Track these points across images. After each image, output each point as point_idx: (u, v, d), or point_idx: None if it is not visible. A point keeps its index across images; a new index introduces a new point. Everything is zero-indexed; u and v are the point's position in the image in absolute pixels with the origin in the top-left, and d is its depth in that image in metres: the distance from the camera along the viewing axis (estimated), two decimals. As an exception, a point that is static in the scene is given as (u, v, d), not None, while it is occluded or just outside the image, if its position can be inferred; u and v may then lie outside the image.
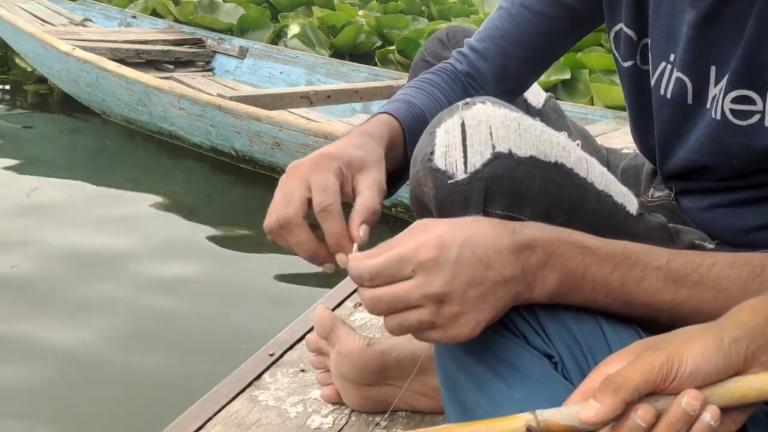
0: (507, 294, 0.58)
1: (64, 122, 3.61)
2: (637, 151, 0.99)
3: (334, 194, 0.69)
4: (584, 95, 3.41)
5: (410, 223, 0.63)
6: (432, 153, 0.64)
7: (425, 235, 0.57)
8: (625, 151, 1.12)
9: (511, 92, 0.95)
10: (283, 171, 2.65)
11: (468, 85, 0.93)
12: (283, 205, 0.70)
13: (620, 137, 2.70)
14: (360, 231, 0.68)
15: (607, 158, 1.11)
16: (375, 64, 4.31)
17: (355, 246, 0.68)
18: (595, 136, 2.88)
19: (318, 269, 0.72)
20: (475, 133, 0.63)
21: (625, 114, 0.89)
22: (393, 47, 4.40)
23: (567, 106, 3.13)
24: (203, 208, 2.63)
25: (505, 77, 0.94)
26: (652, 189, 0.91)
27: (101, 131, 3.43)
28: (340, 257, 0.68)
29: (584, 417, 0.51)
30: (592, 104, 3.34)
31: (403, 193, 2.95)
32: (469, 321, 0.57)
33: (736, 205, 0.79)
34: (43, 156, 2.98)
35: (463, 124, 0.64)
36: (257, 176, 2.84)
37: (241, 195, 2.80)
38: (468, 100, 0.67)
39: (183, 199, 2.69)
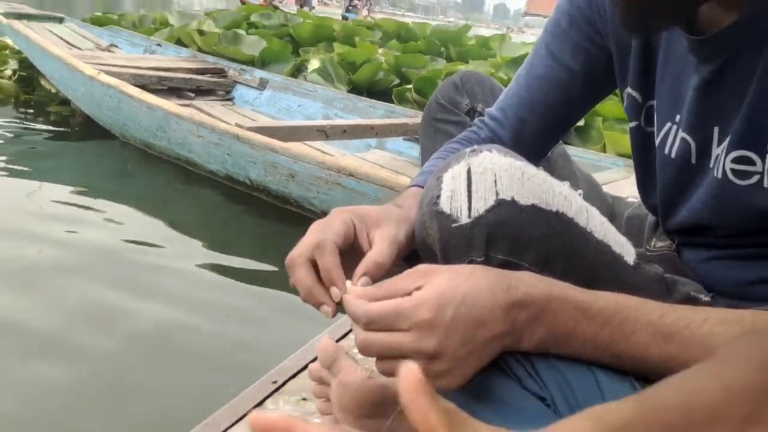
0: (496, 347, 0.62)
1: (84, 144, 3.68)
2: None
3: (330, 233, 0.72)
4: (597, 142, 3.45)
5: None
6: (438, 197, 0.68)
7: (425, 291, 0.60)
8: (630, 199, 1.15)
9: (530, 156, 0.98)
10: (296, 202, 2.68)
11: None
12: (294, 248, 0.73)
13: (630, 186, 2.71)
14: (360, 281, 0.70)
15: (612, 206, 1.14)
16: (392, 102, 4.38)
17: (363, 279, 0.71)
18: (605, 184, 2.90)
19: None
20: (480, 179, 0.66)
21: (636, 163, 0.94)
22: (410, 86, 4.47)
23: (579, 152, 3.15)
24: (216, 235, 2.66)
25: (523, 143, 0.97)
26: (654, 239, 0.94)
27: (120, 154, 3.50)
28: (333, 290, 0.71)
29: None
30: (605, 151, 3.37)
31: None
32: (457, 375, 0.61)
33: (737, 259, 0.81)
34: (62, 176, 3.03)
35: (469, 171, 0.67)
36: (270, 206, 2.88)
37: (253, 224, 2.84)
38: (475, 147, 0.70)
39: (196, 224, 2.73)
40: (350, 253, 0.74)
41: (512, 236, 0.65)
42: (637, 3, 0.68)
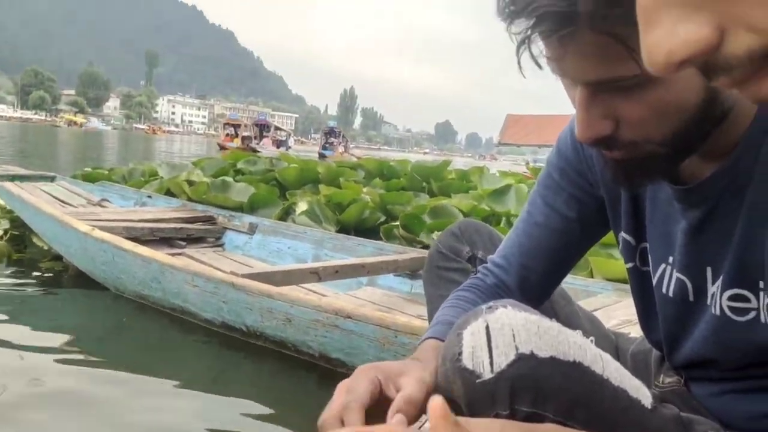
0: None
1: (78, 299, 3.69)
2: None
3: (357, 394, 0.76)
4: (584, 268, 3.52)
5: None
6: (460, 353, 0.71)
7: None
8: (632, 335, 1.19)
9: (535, 299, 1.03)
10: (293, 346, 2.69)
11: (498, 296, 1.02)
12: (325, 410, 0.76)
13: (622, 309, 2.75)
14: (395, 419, 0.73)
15: (616, 343, 1.18)
16: (380, 239, 4.47)
17: (398, 416, 0.73)
18: (597, 309, 2.93)
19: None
20: (499, 335, 0.70)
21: (625, 286, 0.99)
22: (396, 222, 4.59)
23: (568, 278, 3.21)
24: (213, 384, 2.63)
25: (528, 287, 1.03)
26: (662, 375, 0.97)
27: (113, 307, 3.50)
28: None
29: None
30: (592, 276, 3.44)
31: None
32: None
33: (745, 392, 0.84)
34: (57, 333, 3.02)
35: (487, 327, 0.71)
36: (267, 351, 2.87)
37: (251, 371, 2.82)
38: (491, 303, 0.74)
39: (194, 376, 2.70)
40: (380, 405, 0.77)
41: (534, 388, 0.69)
42: (624, 163, 0.76)
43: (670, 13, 0.31)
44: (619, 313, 2.73)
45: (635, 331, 1.18)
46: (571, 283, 3.22)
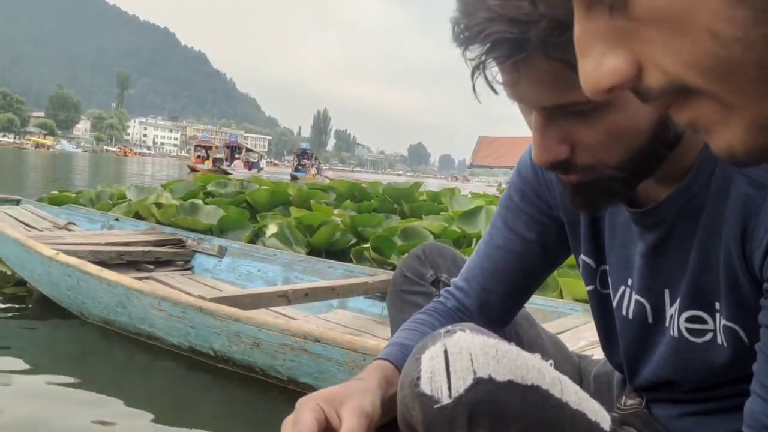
0: None
1: (41, 325, 3.61)
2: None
3: (305, 426, 0.75)
4: (554, 289, 3.54)
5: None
6: (418, 378, 0.71)
7: None
8: (595, 358, 1.19)
9: (496, 322, 1.03)
10: (261, 370, 2.66)
11: (458, 319, 1.02)
12: None
13: (591, 330, 2.76)
14: None
15: (579, 365, 1.18)
16: (350, 261, 4.46)
17: None
18: (566, 330, 2.94)
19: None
20: (457, 359, 0.70)
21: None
22: (367, 245, 4.57)
23: (538, 300, 3.22)
24: (181, 410, 2.58)
25: (488, 310, 1.03)
26: (624, 397, 0.97)
27: (78, 333, 3.43)
28: None
29: None
30: (562, 297, 3.45)
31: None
32: None
33: (705, 414, 0.85)
34: (18, 360, 2.95)
35: (445, 351, 0.71)
36: (235, 376, 2.83)
37: (218, 396, 2.77)
38: (449, 327, 0.74)
39: (160, 402, 2.65)
40: None
41: (492, 413, 0.68)
42: (581, 187, 0.76)
43: (597, 47, 0.35)
44: (589, 333, 2.74)
45: (602, 353, 1.18)
46: (540, 303, 3.24)
